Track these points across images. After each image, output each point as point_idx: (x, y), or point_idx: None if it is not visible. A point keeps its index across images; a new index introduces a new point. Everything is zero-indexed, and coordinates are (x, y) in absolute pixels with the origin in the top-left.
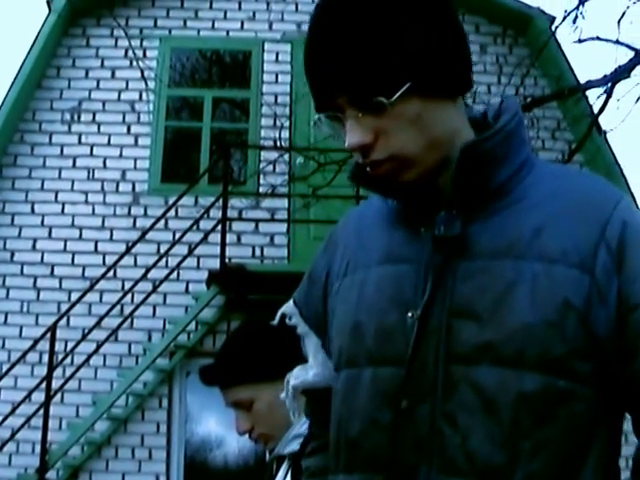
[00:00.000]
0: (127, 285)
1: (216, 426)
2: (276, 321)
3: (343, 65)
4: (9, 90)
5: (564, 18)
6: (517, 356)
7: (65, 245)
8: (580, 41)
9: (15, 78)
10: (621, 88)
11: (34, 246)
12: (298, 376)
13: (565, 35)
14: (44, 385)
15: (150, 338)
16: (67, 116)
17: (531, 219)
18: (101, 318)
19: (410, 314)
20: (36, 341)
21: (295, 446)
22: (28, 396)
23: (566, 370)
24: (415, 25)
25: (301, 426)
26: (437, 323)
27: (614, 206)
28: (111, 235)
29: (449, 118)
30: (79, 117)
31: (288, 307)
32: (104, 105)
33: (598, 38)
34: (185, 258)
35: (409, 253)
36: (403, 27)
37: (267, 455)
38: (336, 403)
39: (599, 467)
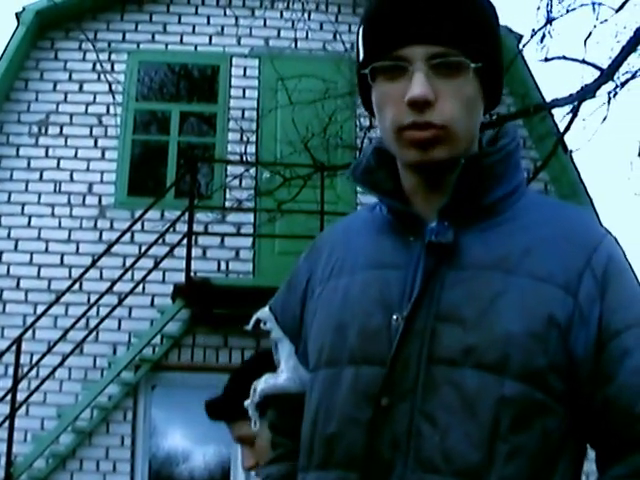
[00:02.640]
0: (93, 298)
1: (182, 440)
2: (250, 326)
3: (447, 16)
4: None
5: (531, 37)
6: (500, 362)
7: (31, 258)
8: (547, 60)
9: None
10: (587, 108)
11: (0, 258)
12: (268, 380)
13: (532, 53)
14: (9, 397)
15: (115, 351)
16: (34, 129)
17: (521, 239)
18: (66, 331)
19: (395, 317)
20: (1, 353)
21: None
22: None
23: (544, 383)
24: (496, 20)
25: None
26: (422, 326)
27: (601, 239)
28: (77, 248)
29: (479, 121)
30: (46, 130)
31: (263, 312)
32: (71, 118)
33: (564, 57)
34: (151, 271)
35: (397, 259)
36: (492, 12)
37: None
38: (312, 401)
39: None
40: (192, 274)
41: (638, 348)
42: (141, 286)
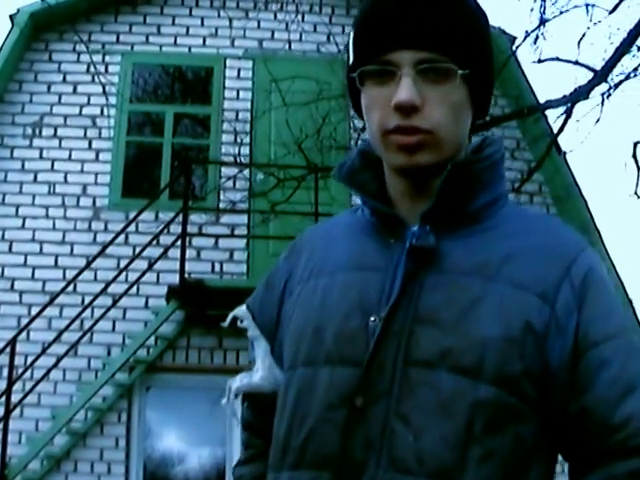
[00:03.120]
0: (87, 299)
1: (177, 442)
2: (227, 323)
3: (437, 22)
4: None
5: (525, 38)
6: (475, 366)
7: (25, 259)
8: (540, 61)
9: None
10: (581, 109)
11: None
12: (243, 379)
13: (525, 55)
14: (3, 399)
15: (109, 353)
16: (29, 130)
17: (502, 247)
18: (61, 332)
19: (373, 318)
20: None
21: None
22: None
23: (517, 389)
24: (486, 27)
25: None
26: (400, 327)
27: (581, 250)
28: (71, 250)
29: (467, 128)
30: (40, 132)
31: (240, 310)
32: (65, 120)
33: (558, 59)
34: (145, 273)
35: (376, 261)
36: (482, 19)
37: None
38: (289, 401)
39: None
40: (186, 275)
41: (616, 359)
42: (135, 287)
